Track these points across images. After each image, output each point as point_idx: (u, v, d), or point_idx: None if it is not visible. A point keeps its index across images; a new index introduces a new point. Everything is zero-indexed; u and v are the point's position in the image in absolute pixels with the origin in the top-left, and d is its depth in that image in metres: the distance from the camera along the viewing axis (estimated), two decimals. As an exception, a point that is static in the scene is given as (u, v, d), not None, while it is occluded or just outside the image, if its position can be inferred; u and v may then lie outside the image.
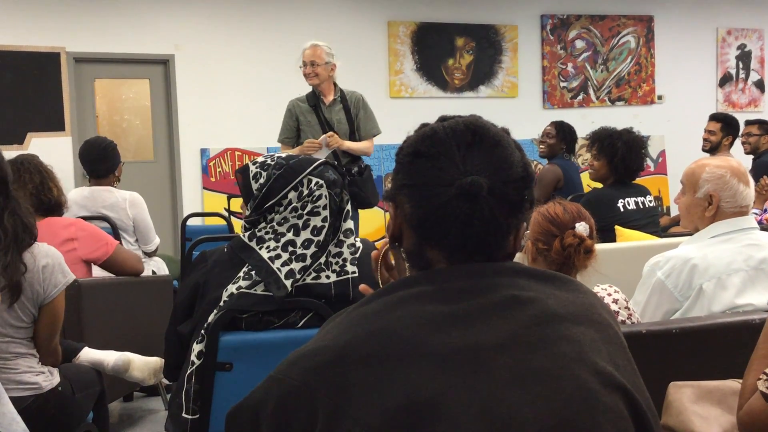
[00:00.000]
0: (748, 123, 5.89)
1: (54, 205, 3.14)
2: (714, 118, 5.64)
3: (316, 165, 1.89)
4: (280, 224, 1.86)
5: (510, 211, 0.99)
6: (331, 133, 4.32)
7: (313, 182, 1.86)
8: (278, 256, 1.83)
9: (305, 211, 1.86)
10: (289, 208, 1.86)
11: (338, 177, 1.92)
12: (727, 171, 2.18)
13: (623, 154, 3.73)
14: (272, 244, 1.85)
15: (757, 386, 1.27)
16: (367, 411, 0.86)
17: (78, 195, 3.93)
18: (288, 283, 1.81)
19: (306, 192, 1.86)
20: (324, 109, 4.47)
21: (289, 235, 1.85)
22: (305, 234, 1.85)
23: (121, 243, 3.82)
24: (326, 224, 1.86)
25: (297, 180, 1.86)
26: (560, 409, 0.87)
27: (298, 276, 1.83)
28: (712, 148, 5.49)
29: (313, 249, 1.85)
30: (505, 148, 1.01)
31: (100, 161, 3.89)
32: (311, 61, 4.37)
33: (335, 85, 4.50)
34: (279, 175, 1.86)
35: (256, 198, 1.88)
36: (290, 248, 1.83)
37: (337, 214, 1.90)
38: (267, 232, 1.87)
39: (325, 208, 1.86)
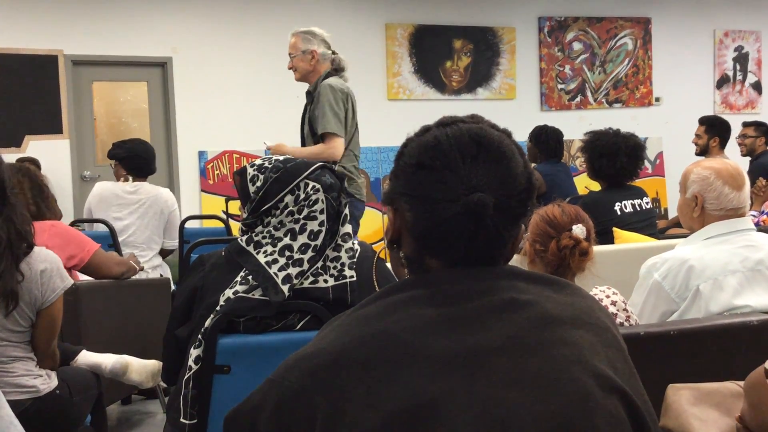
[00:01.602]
0: (745, 125, 5.92)
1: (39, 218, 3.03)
2: (699, 121, 5.70)
3: (314, 169, 1.89)
4: (276, 228, 1.86)
5: (513, 223, 1.00)
6: (268, 142, 3.75)
7: (310, 186, 1.86)
8: (275, 261, 1.82)
9: (302, 216, 1.85)
10: (286, 211, 1.86)
11: (336, 181, 1.92)
12: (713, 173, 2.19)
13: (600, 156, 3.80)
14: (269, 248, 1.84)
15: None
16: (365, 414, 0.86)
17: (119, 189, 4.16)
18: (285, 288, 1.80)
19: (303, 196, 1.85)
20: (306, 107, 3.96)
21: (286, 240, 1.84)
22: (302, 238, 1.84)
23: (119, 247, 3.84)
24: (323, 229, 1.85)
25: (294, 184, 1.86)
26: (558, 412, 0.87)
27: (295, 281, 1.82)
28: (702, 152, 5.53)
29: (310, 254, 1.84)
30: (509, 160, 1.00)
31: (152, 162, 4.29)
32: (289, 53, 3.85)
33: (326, 76, 3.83)
34: (276, 179, 1.86)
35: (253, 201, 1.88)
36: (287, 253, 1.83)
37: (334, 219, 1.89)
38: (264, 237, 1.87)
39: (322, 212, 1.86)
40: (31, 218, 2.33)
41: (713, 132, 5.54)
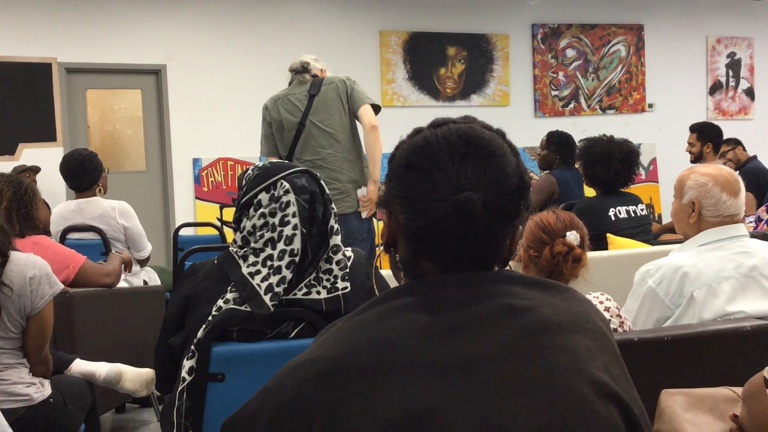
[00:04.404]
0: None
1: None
2: (690, 129, 5.75)
3: (292, 171, 1.91)
4: (254, 239, 1.87)
5: (505, 222, 0.99)
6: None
7: (283, 187, 1.87)
8: (258, 272, 1.82)
9: (277, 221, 1.85)
10: (259, 212, 1.86)
11: (309, 185, 1.91)
12: (711, 179, 2.19)
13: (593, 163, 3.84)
14: (252, 258, 1.85)
15: None
16: (362, 422, 0.85)
17: (65, 209, 3.88)
18: (267, 298, 1.79)
19: (276, 194, 1.87)
20: None
21: (268, 250, 1.85)
22: (280, 245, 1.84)
23: (110, 252, 3.77)
24: (297, 232, 1.84)
25: (269, 181, 1.88)
26: (555, 420, 0.86)
27: (277, 289, 1.81)
28: (697, 159, 5.58)
29: (287, 259, 1.83)
30: (500, 158, 0.99)
31: (79, 175, 3.83)
32: None
33: None
34: (256, 175, 1.91)
35: (240, 197, 1.93)
36: (269, 263, 1.83)
37: (310, 222, 1.88)
38: (247, 251, 1.87)
39: (294, 215, 1.85)
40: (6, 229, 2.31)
41: (705, 138, 5.59)
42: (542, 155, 5.32)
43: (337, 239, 1.91)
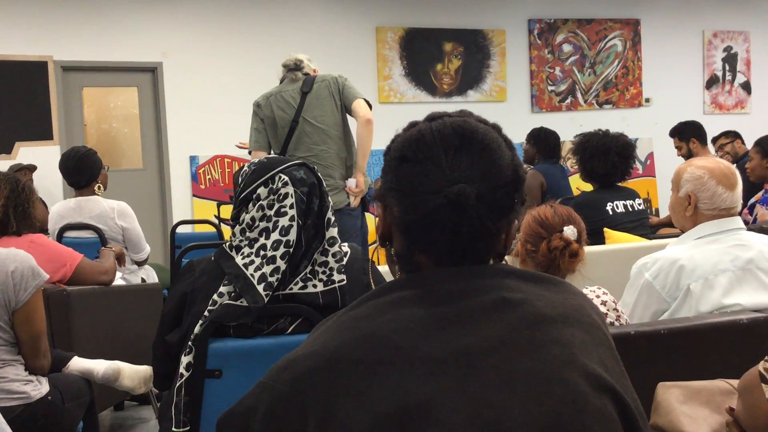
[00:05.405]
0: (714, 140, 6.02)
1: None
2: (669, 135, 5.81)
3: (290, 164, 1.91)
4: (251, 229, 1.87)
5: (499, 215, 0.98)
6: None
7: (281, 179, 1.88)
8: (252, 262, 1.82)
9: (273, 212, 1.86)
10: (257, 204, 1.87)
11: (307, 177, 1.91)
12: (706, 172, 2.19)
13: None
14: (246, 250, 1.85)
15: None
16: (357, 416, 0.86)
17: (63, 207, 3.88)
18: (260, 287, 1.79)
19: (275, 187, 1.87)
20: None
21: (262, 240, 1.85)
22: (274, 236, 1.84)
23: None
24: (294, 224, 1.84)
25: (268, 175, 1.89)
26: (549, 413, 0.86)
27: (270, 279, 1.81)
28: (688, 158, 5.60)
29: (282, 250, 1.82)
30: (494, 151, 0.99)
31: (78, 172, 3.85)
32: None
33: None
34: (253, 171, 1.91)
35: (237, 193, 1.93)
36: (262, 252, 1.83)
37: (307, 214, 1.88)
38: (242, 240, 1.88)
39: (291, 207, 1.85)
40: None
41: (686, 135, 5.65)
42: (524, 150, 5.48)
43: (333, 231, 1.91)
